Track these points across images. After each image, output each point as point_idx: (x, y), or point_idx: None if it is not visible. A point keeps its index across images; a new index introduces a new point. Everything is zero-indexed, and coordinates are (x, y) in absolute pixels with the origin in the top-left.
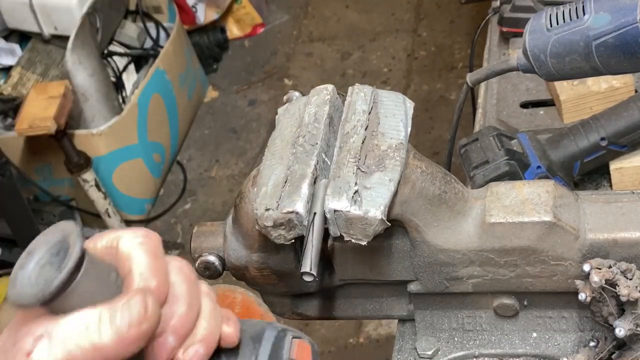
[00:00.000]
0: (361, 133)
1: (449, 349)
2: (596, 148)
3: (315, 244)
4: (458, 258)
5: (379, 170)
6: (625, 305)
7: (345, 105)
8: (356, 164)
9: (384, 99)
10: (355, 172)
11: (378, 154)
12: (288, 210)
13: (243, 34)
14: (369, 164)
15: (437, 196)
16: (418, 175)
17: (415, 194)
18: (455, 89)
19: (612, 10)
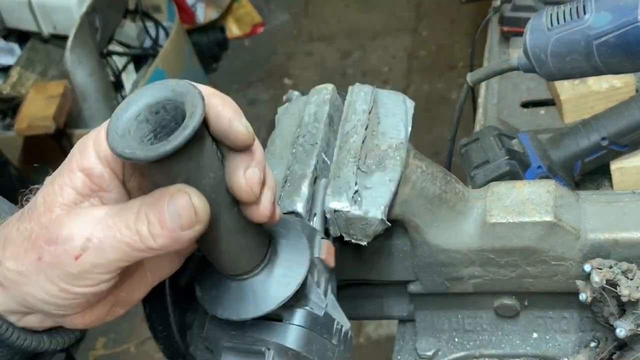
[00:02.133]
0: (361, 133)
1: (449, 349)
2: (597, 148)
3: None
4: (458, 258)
5: (379, 170)
6: (626, 306)
7: (345, 104)
8: (356, 164)
9: (384, 99)
10: (355, 172)
11: (378, 153)
12: (288, 210)
13: (243, 33)
14: (369, 164)
15: (437, 196)
16: (418, 175)
17: (416, 194)
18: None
19: (613, 9)
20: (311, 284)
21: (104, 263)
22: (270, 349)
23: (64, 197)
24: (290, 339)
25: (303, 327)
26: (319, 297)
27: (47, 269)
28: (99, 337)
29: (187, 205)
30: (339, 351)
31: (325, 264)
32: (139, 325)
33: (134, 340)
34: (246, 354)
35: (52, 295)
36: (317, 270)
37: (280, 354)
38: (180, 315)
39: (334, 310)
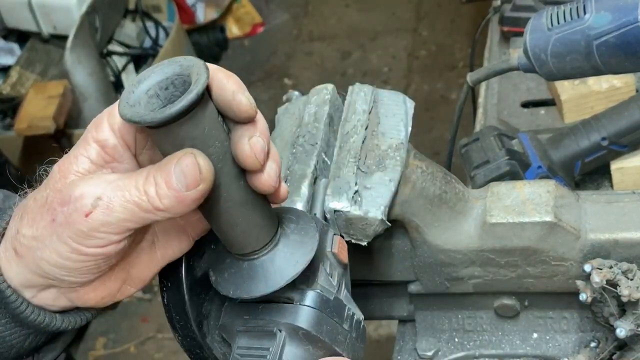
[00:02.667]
0: (361, 133)
1: (449, 349)
2: (597, 148)
3: None
4: (459, 258)
5: (379, 170)
6: (626, 306)
7: (346, 104)
8: (356, 164)
9: (384, 99)
10: (356, 172)
11: (378, 153)
12: None
13: (243, 33)
14: (369, 164)
15: (437, 196)
16: (418, 175)
17: (416, 194)
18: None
19: (613, 9)
20: (321, 270)
21: (113, 222)
22: (281, 330)
23: (78, 166)
24: (301, 319)
25: (313, 308)
26: (329, 282)
27: (60, 229)
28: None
29: (192, 164)
30: (350, 337)
31: (338, 258)
32: (139, 325)
33: (134, 340)
34: (259, 335)
35: (64, 257)
36: (329, 264)
37: (292, 334)
38: (197, 305)
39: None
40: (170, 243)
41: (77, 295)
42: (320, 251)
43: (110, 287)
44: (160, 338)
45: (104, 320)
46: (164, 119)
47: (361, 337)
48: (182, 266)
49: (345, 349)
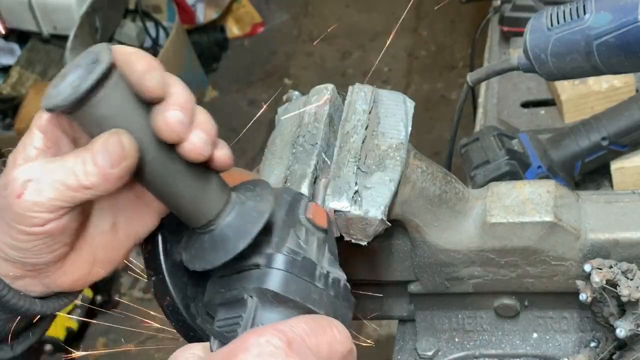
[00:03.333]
0: (361, 133)
1: (449, 349)
2: (597, 148)
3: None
4: (459, 258)
5: (379, 170)
6: (626, 306)
7: (346, 104)
8: (356, 164)
9: (384, 99)
10: (356, 172)
11: (378, 153)
12: None
13: (243, 33)
14: (369, 164)
15: (437, 196)
16: (418, 175)
17: (416, 194)
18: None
19: (613, 9)
20: (291, 234)
21: (43, 201)
22: (252, 296)
23: (25, 153)
24: (268, 281)
25: (280, 270)
26: (298, 245)
27: (3, 213)
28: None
29: (115, 142)
30: (327, 295)
31: (314, 223)
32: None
33: (134, 340)
34: (233, 305)
35: (13, 238)
36: (305, 229)
37: (262, 298)
38: (181, 289)
39: (330, 266)
40: (132, 223)
41: (50, 280)
42: (292, 217)
43: (79, 270)
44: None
45: (104, 320)
46: (72, 102)
47: (343, 296)
48: (160, 252)
49: (322, 306)
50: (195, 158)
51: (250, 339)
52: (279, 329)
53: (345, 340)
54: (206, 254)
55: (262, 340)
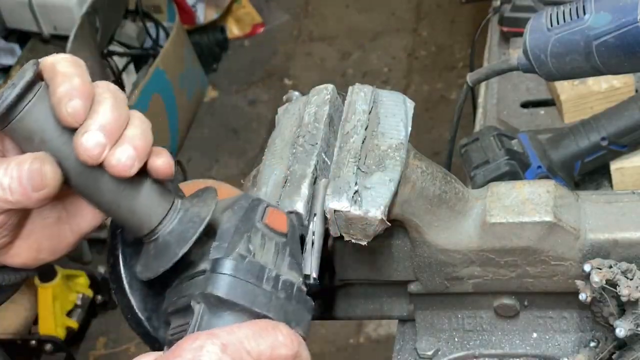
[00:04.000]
0: (361, 133)
1: (449, 349)
2: (597, 148)
3: (315, 246)
4: (458, 258)
5: (379, 170)
6: (625, 306)
7: (345, 105)
8: (356, 164)
9: (384, 99)
10: (356, 172)
11: (378, 153)
12: (288, 210)
13: (243, 33)
14: (369, 164)
15: (437, 196)
16: (418, 175)
17: (416, 194)
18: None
19: (612, 9)
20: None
21: None
22: (199, 302)
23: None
24: (210, 286)
25: (224, 274)
26: (246, 249)
27: None
28: (99, 337)
29: (38, 170)
30: (276, 298)
31: (271, 228)
32: None
33: (134, 340)
34: (183, 313)
35: None
36: (260, 234)
37: (208, 304)
38: (142, 301)
39: (290, 269)
40: (75, 219)
41: (2, 260)
42: (247, 223)
43: (25, 256)
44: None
45: (104, 320)
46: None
47: (297, 299)
48: (121, 265)
49: (271, 309)
50: (120, 174)
51: (185, 345)
52: (214, 333)
53: (290, 343)
54: (151, 262)
55: (195, 345)
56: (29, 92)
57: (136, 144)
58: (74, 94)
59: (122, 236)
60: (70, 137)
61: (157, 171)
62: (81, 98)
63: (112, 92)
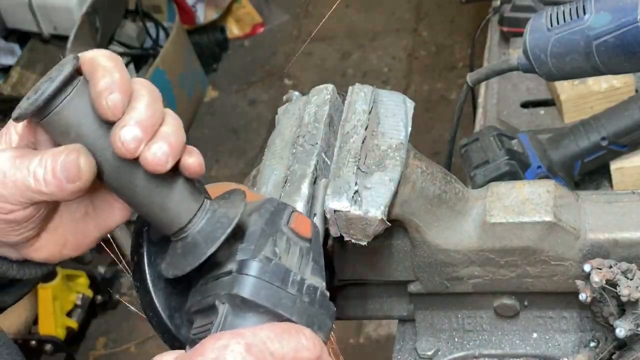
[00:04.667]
0: (361, 133)
1: (449, 349)
2: (597, 148)
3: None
4: (458, 258)
5: (379, 170)
6: (625, 306)
7: (345, 105)
8: (356, 164)
9: (384, 99)
10: (356, 172)
11: (378, 153)
12: None
13: (243, 33)
14: (369, 164)
15: (437, 196)
16: (418, 175)
17: (416, 194)
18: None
19: (612, 9)
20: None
21: (6, 195)
22: (224, 302)
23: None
24: (237, 287)
25: (250, 275)
26: (273, 252)
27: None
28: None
29: (74, 162)
30: (300, 301)
31: (296, 232)
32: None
33: (134, 340)
34: (207, 312)
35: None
36: (286, 238)
37: (233, 305)
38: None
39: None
40: (102, 215)
41: (25, 253)
42: (273, 226)
43: (49, 251)
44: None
45: (104, 320)
46: (33, 110)
47: (319, 304)
48: (145, 263)
49: (294, 313)
50: (155, 170)
51: (208, 344)
52: (239, 333)
53: (313, 347)
54: (178, 260)
55: (219, 344)
56: (68, 85)
57: (170, 140)
58: (114, 88)
59: (148, 235)
60: (107, 131)
61: (189, 169)
62: (120, 92)
63: (149, 89)
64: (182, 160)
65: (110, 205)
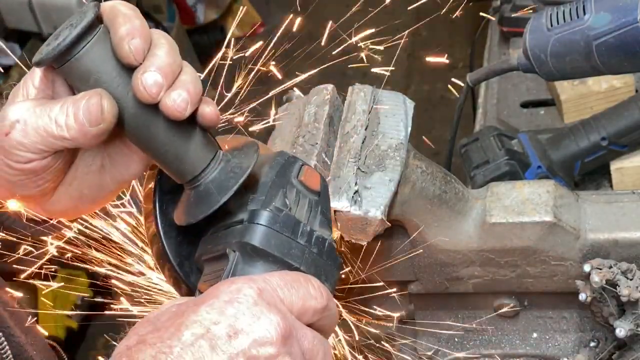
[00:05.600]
0: (361, 133)
1: (449, 349)
2: (597, 148)
3: None
4: (458, 258)
5: (379, 170)
6: (625, 306)
7: (345, 105)
8: (356, 164)
9: (384, 99)
10: (355, 172)
11: (378, 153)
12: None
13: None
14: (369, 164)
15: (437, 196)
16: (418, 175)
17: (416, 194)
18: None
19: (612, 9)
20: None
21: (27, 143)
22: (235, 250)
23: (25, 90)
24: (248, 235)
25: (261, 225)
26: (283, 203)
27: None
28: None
29: (96, 104)
30: (309, 252)
31: (305, 185)
32: None
33: None
34: (218, 259)
35: (1, 170)
36: (295, 190)
37: (243, 252)
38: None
39: (321, 227)
40: (118, 167)
41: (42, 208)
42: (283, 178)
43: (66, 204)
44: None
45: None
46: (55, 55)
47: (327, 255)
48: (157, 212)
49: (303, 263)
50: (174, 116)
51: (222, 287)
52: (251, 278)
53: (320, 297)
54: (191, 208)
55: (233, 287)
56: (89, 32)
57: (189, 88)
58: (136, 34)
59: (160, 184)
60: (126, 79)
61: (205, 118)
62: (141, 38)
63: (168, 39)
64: (199, 110)
65: (127, 157)
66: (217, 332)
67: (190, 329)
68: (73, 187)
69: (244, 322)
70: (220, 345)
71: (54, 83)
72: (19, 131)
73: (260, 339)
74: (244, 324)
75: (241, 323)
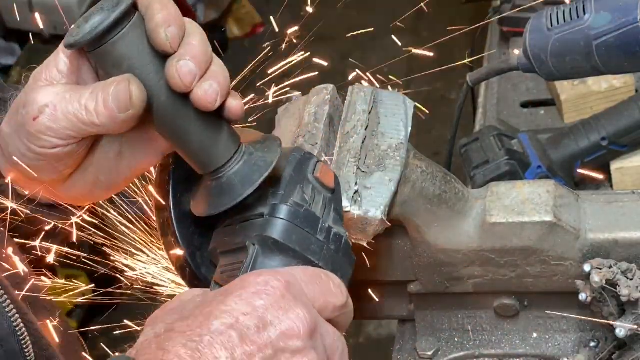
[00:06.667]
0: (361, 133)
1: (449, 349)
2: (597, 148)
3: None
4: (458, 258)
5: (379, 170)
6: (625, 306)
7: (346, 105)
8: (356, 164)
9: (384, 99)
10: (356, 172)
11: (378, 153)
12: None
13: (243, 33)
14: (369, 164)
15: (437, 196)
16: (418, 175)
17: (416, 194)
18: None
19: (612, 9)
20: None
21: (56, 128)
22: (255, 244)
23: (47, 74)
24: (269, 229)
25: (282, 219)
26: (302, 198)
27: (18, 128)
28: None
29: (125, 90)
30: (328, 249)
31: (320, 182)
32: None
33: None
34: (236, 252)
35: (22, 154)
36: (312, 187)
37: (263, 246)
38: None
39: (335, 224)
40: (136, 155)
41: (56, 194)
42: (300, 174)
43: (80, 189)
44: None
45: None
46: (91, 39)
47: (344, 252)
48: (170, 200)
49: (322, 259)
50: (205, 106)
51: (249, 279)
52: (277, 271)
53: (340, 294)
54: (212, 200)
55: (261, 279)
56: (126, 18)
57: (220, 80)
58: (172, 21)
59: (175, 173)
60: (158, 66)
61: (232, 111)
62: (177, 26)
63: (199, 28)
64: (227, 102)
65: (145, 144)
66: (246, 323)
67: (220, 319)
68: (89, 172)
69: (272, 314)
70: (250, 335)
71: (80, 69)
72: (48, 116)
73: (288, 332)
74: (272, 316)
75: (269, 315)
